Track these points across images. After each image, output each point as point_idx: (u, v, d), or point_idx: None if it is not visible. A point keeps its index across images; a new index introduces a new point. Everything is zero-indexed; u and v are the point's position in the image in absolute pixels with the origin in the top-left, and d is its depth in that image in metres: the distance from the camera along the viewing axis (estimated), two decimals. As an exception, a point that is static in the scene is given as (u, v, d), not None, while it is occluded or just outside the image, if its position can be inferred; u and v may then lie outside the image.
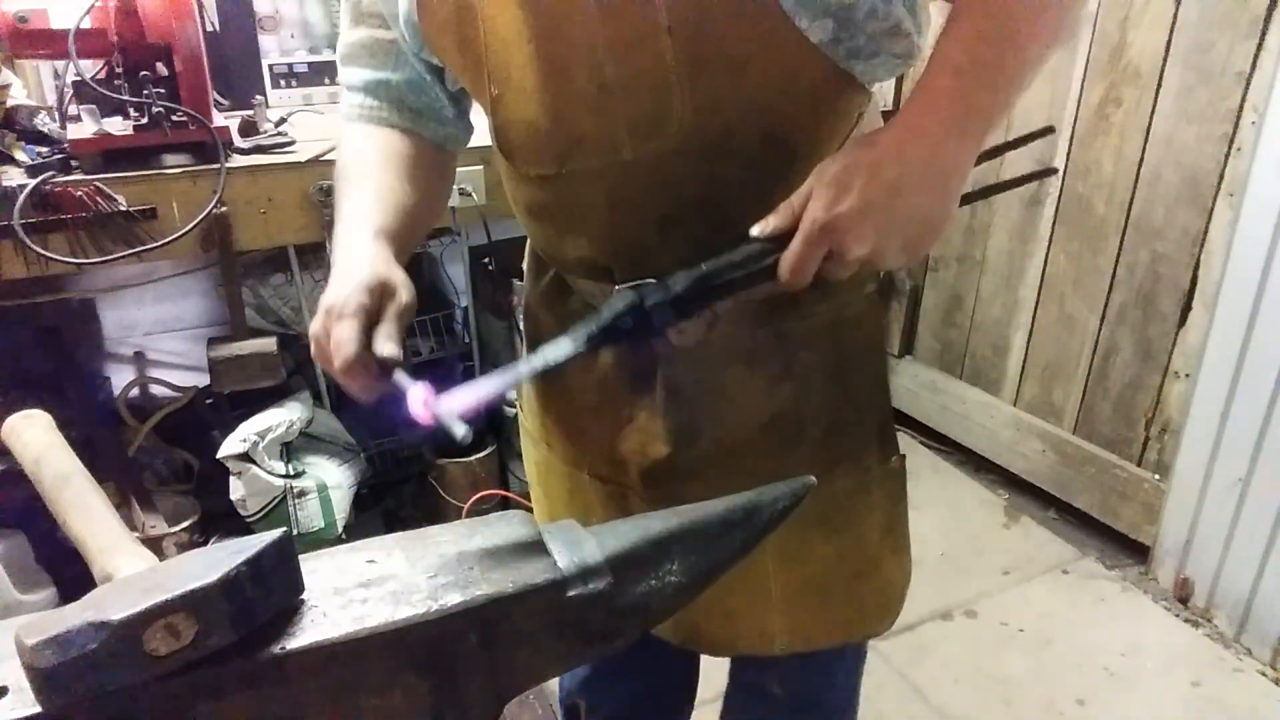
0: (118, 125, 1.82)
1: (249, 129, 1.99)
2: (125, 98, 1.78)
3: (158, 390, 2.43)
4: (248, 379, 2.04)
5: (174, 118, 1.81)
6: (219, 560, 0.51)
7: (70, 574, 1.97)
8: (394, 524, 2.50)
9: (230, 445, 2.04)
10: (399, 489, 2.57)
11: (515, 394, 1.24)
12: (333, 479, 2.17)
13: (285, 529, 0.55)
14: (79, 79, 1.83)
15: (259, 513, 2.08)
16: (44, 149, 1.83)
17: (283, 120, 2.06)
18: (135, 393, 2.40)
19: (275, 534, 0.54)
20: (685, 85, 0.79)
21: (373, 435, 2.46)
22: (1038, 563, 2.41)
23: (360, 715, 0.56)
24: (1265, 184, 1.91)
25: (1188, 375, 2.17)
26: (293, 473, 2.12)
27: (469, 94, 0.99)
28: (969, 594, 2.29)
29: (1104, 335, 2.39)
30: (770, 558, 0.97)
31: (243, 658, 0.52)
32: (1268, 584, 2.04)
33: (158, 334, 2.47)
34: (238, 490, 2.06)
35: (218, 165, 1.80)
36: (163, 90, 1.79)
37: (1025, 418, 2.63)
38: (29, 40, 1.74)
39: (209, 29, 2.18)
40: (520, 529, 0.65)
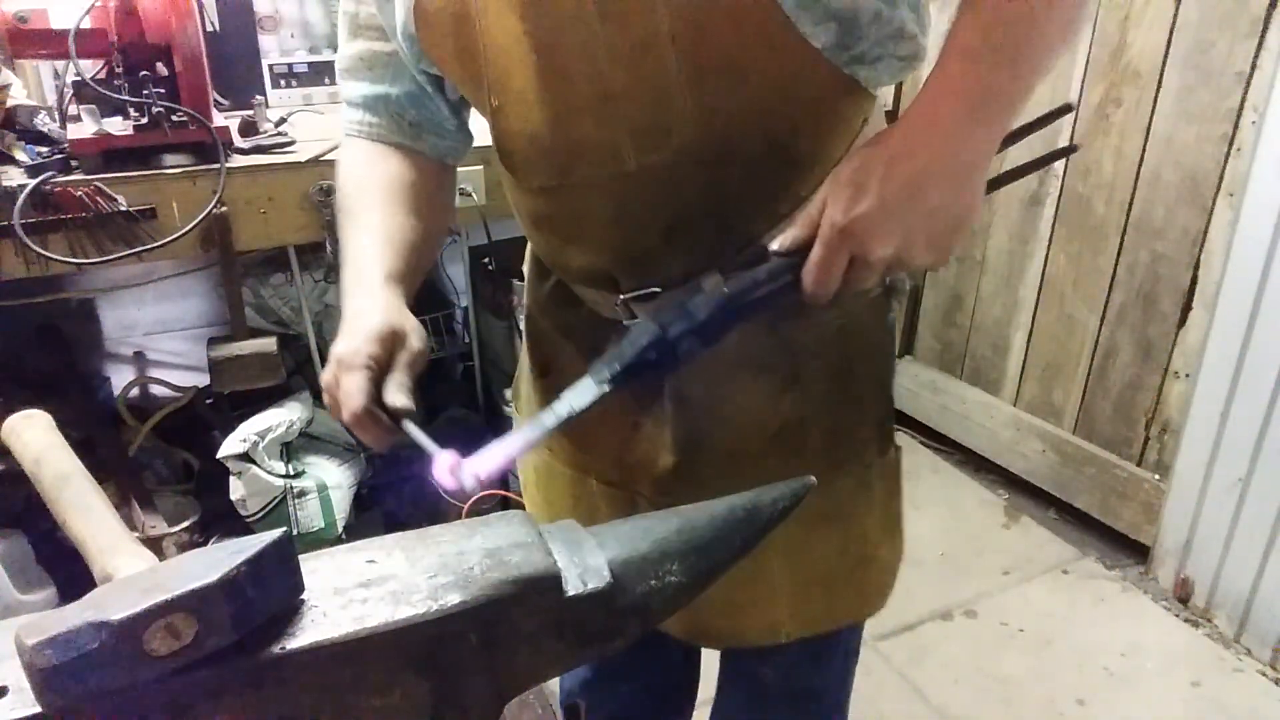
0: (118, 125, 1.82)
1: (249, 129, 1.99)
2: (125, 98, 1.78)
3: (158, 390, 2.43)
4: (248, 379, 2.04)
5: (174, 118, 1.81)
6: (219, 560, 0.51)
7: (70, 574, 1.97)
8: (394, 524, 2.50)
9: (230, 445, 2.04)
10: (399, 489, 2.57)
11: (512, 395, 1.23)
12: (333, 479, 2.17)
13: (285, 529, 0.55)
14: (79, 79, 1.83)
15: (259, 513, 2.08)
16: (44, 149, 1.83)
17: (283, 120, 2.06)
18: (135, 393, 2.41)
19: (275, 534, 0.54)
20: (688, 92, 0.78)
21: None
22: (1038, 563, 2.41)
23: (360, 715, 0.56)
24: (1265, 184, 1.91)
25: (1188, 375, 2.17)
26: (293, 473, 2.12)
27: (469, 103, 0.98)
28: (969, 594, 2.29)
29: (1104, 335, 2.38)
30: (775, 554, 0.97)
31: (243, 658, 0.52)
32: (1268, 584, 2.04)
33: (158, 334, 2.48)
34: (238, 490, 2.06)
35: (218, 165, 1.80)
36: (163, 90, 1.79)
37: (1025, 418, 2.63)
38: (29, 40, 1.74)
39: (209, 29, 2.18)
40: (520, 529, 0.65)
